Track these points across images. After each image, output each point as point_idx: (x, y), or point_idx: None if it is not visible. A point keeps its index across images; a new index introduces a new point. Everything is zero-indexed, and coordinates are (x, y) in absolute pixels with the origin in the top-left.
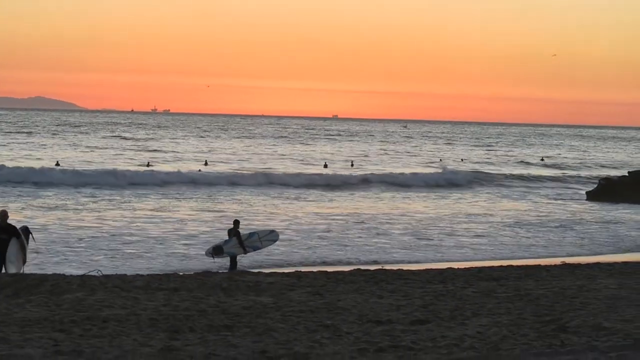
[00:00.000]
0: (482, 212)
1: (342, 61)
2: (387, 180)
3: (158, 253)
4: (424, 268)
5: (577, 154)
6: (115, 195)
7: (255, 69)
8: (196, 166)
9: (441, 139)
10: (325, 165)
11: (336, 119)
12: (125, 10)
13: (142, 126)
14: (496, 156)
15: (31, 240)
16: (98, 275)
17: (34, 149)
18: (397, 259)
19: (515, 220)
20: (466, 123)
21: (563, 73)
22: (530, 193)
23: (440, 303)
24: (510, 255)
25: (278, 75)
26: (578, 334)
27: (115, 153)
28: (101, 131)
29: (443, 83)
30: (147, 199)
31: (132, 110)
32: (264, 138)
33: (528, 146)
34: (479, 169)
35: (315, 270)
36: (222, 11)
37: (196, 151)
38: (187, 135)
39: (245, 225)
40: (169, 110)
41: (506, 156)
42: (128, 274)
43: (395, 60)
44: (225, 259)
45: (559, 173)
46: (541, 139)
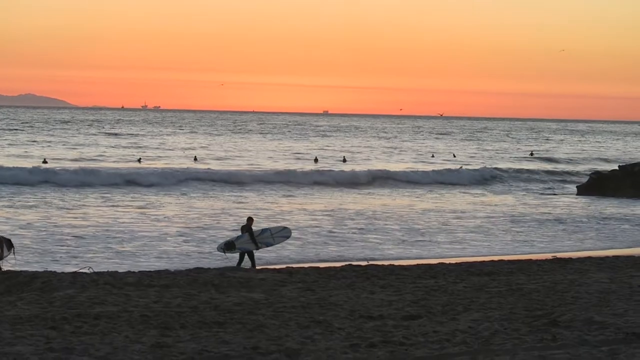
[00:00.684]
0: (472, 208)
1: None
2: (398, 178)
3: (149, 250)
4: (415, 263)
5: (568, 148)
6: (104, 193)
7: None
8: (186, 162)
9: (432, 134)
10: (315, 159)
11: (327, 115)
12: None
13: (133, 123)
14: (486, 150)
15: (10, 255)
16: (89, 272)
17: (23, 147)
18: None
19: (504, 215)
20: (455, 118)
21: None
22: (520, 188)
23: (431, 298)
24: (501, 250)
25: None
26: (569, 328)
27: (105, 150)
28: (91, 128)
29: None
30: (137, 197)
31: (123, 107)
32: (254, 134)
33: (517, 141)
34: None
35: (306, 266)
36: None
37: (186, 147)
38: (177, 131)
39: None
40: (160, 106)
41: (495, 151)
42: (119, 271)
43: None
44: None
45: (549, 167)
46: (529, 133)
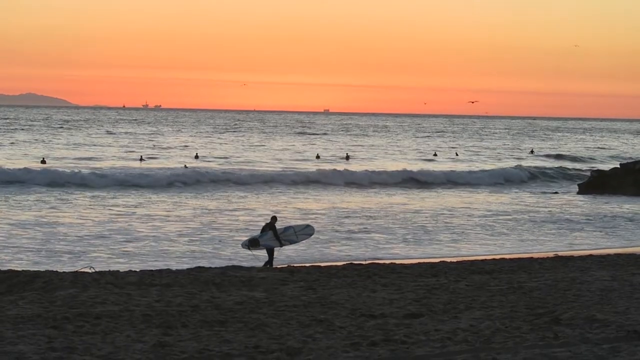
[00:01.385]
0: (474, 207)
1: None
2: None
3: (150, 249)
4: (417, 262)
5: (569, 146)
6: (104, 192)
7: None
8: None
9: (435, 133)
10: (317, 156)
11: (327, 113)
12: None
13: (135, 122)
14: (488, 149)
15: None
16: (90, 271)
17: (22, 146)
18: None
19: (506, 213)
20: (456, 116)
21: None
22: (521, 185)
23: (433, 297)
24: (502, 248)
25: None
26: (571, 326)
27: (105, 149)
28: (92, 127)
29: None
30: (137, 196)
31: (124, 106)
32: (257, 133)
33: (514, 138)
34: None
35: (307, 264)
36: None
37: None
38: (179, 130)
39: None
40: (160, 105)
41: (496, 149)
42: (121, 270)
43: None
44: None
45: (550, 165)
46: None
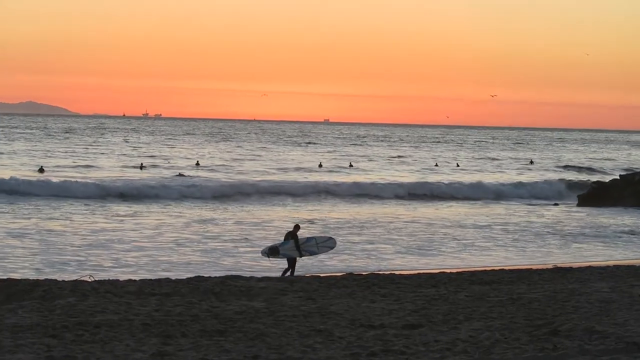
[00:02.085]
0: (474, 218)
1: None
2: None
3: (150, 258)
4: (416, 272)
5: (570, 156)
6: (103, 202)
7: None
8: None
9: (437, 143)
10: (320, 165)
11: (327, 123)
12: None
13: (135, 130)
14: (491, 160)
15: None
16: (90, 280)
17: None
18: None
19: (504, 225)
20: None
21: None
22: (520, 197)
23: (432, 307)
24: (502, 260)
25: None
26: (570, 338)
27: (106, 156)
28: (91, 135)
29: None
30: (136, 207)
31: (124, 114)
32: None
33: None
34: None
35: (307, 275)
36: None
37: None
38: (181, 139)
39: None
40: (161, 114)
41: (495, 159)
42: (120, 279)
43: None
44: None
45: (550, 176)
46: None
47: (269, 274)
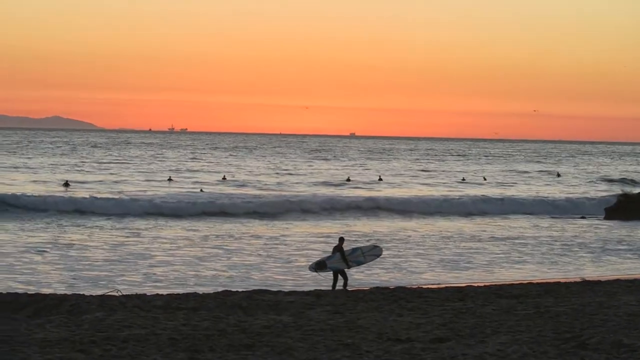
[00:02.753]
0: (502, 233)
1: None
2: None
3: (177, 273)
4: (443, 286)
5: (594, 168)
6: (130, 218)
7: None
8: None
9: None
10: (348, 179)
11: (353, 137)
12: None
13: (160, 145)
14: (518, 173)
15: None
16: (117, 295)
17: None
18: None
19: (532, 238)
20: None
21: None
22: (547, 210)
23: (460, 321)
24: (530, 273)
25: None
26: (598, 351)
27: (131, 172)
28: (117, 150)
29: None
30: (161, 221)
31: (150, 129)
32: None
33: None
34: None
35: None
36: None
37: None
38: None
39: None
40: (187, 129)
41: (523, 172)
42: (147, 294)
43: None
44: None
45: (576, 189)
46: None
47: (297, 288)
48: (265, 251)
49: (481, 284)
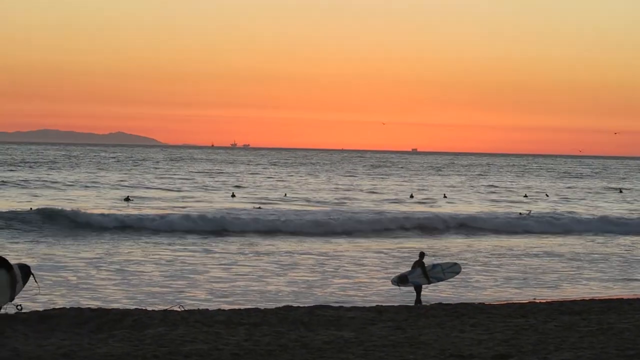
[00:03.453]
0: (567, 250)
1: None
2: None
3: (239, 288)
4: (505, 302)
5: None
6: (193, 233)
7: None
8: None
9: (524, 173)
10: (411, 195)
11: (416, 153)
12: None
13: (225, 161)
14: (580, 189)
15: (31, 281)
16: (179, 310)
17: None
18: None
19: (598, 255)
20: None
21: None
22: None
23: (522, 337)
24: (590, 290)
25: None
26: None
27: (196, 188)
28: (181, 166)
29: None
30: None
31: (212, 145)
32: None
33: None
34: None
35: (396, 304)
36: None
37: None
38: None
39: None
40: (249, 145)
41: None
42: (209, 309)
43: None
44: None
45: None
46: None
47: (358, 304)
48: (327, 267)
49: (543, 300)
